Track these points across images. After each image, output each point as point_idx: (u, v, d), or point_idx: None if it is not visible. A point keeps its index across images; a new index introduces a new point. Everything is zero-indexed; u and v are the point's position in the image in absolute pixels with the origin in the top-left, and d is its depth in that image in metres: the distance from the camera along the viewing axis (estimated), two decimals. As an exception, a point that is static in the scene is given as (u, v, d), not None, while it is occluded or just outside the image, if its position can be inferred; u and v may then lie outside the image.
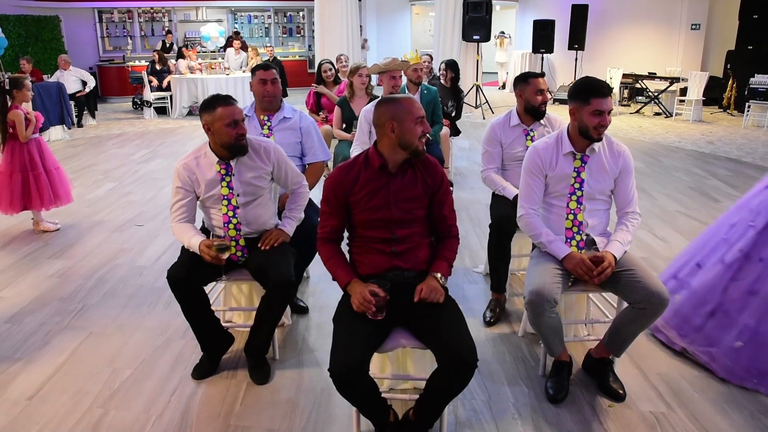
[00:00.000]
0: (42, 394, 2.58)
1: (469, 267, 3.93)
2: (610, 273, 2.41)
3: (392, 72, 4.18)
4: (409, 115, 2.14)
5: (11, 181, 4.47)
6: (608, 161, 2.55)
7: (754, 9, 10.77)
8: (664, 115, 10.71)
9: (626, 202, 2.59)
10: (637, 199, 2.61)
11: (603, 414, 2.43)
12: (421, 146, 2.18)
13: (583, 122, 2.46)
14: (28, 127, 4.43)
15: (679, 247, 4.26)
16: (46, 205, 4.61)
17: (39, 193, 4.53)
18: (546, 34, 11.89)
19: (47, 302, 3.46)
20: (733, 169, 6.70)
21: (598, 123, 2.43)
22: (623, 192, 2.59)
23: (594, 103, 2.42)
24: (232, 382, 2.66)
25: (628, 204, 2.59)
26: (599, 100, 2.41)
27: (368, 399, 2.07)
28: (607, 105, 2.43)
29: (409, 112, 2.14)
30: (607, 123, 2.44)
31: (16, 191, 4.48)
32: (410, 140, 2.15)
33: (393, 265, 2.20)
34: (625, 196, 2.59)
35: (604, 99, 2.42)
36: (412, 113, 2.15)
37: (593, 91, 2.43)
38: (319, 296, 3.52)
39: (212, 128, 2.57)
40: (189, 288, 2.54)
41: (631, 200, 2.59)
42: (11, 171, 4.48)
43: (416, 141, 2.15)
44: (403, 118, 2.14)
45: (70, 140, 8.76)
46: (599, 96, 2.42)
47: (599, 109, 2.42)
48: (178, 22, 14.84)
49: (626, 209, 2.60)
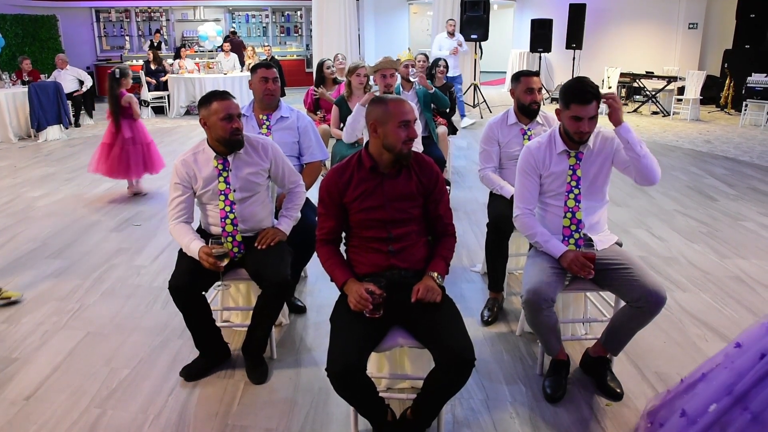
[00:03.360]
0: (39, 394, 2.57)
1: (467, 266, 3.93)
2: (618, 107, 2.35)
3: (383, 71, 4.17)
4: (393, 118, 2.12)
5: (133, 151, 5.48)
6: (603, 153, 2.54)
7: (751, 8, 10.78)
8: (662, 114, 10.72)
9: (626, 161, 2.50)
10: None
11: (600, 413, 2.43)
12: (405, 150, 2.15)
13: (565, 126, 2.47)
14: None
15: (676, 246, 4.28)
16: (139, 173, 5.59)
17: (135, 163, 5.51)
18: (543, 33, 11.88)
19: (45, 302, 3.46)
20: (731, 168, 6.71)
21: (576, 129, 2.42)
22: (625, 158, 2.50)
23: (573, 108, 2.39)
24: (230, 381, 2.66)
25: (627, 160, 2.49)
26: (578, 106, 2.37)
27: (366, 398, 2.07)
28: (586, 112, 2.37)
29: (393, 115, 2.12)
30: (584, 129, 2.40)
31: (135, 160, 5.50)
32: (393, 143, 2.13)
33: (390, 264, 2.20)
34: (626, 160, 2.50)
35: (582, 106, 2.36)
36: (396, 116, 2.12)
37: (573, 96, 2.39)
38: (316, 296, 3.52)
39: (208, 122, 2.59)
40: (191, 296, 2.54)
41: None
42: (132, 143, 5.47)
43: (399, 145, 2.13)
44: (386, 120, 2.13)
45: (68, 140, 8.74)
46: (578, 102, 2.37)
47: (577, 115, 2.38)
48: (175, 21, 14.82)
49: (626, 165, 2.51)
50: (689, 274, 3.79)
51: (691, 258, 4.06)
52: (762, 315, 2.50)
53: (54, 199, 5.59)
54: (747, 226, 4.72)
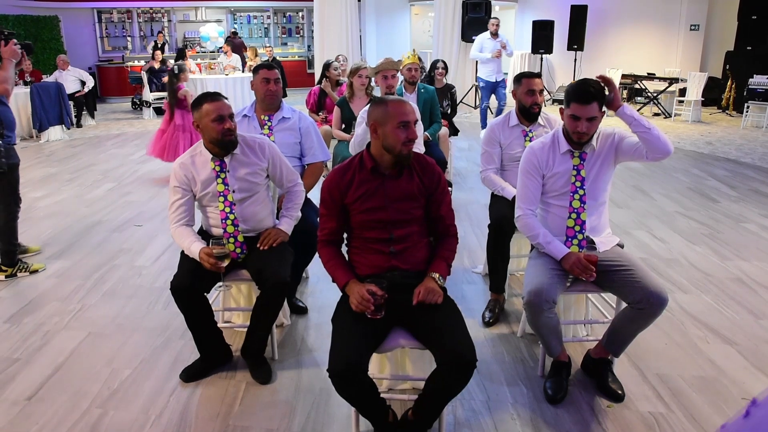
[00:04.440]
0: (41, 395, 2.58)
1: (468, 267, 3.93)
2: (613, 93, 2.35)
3: (384, 72, 4.17)
4: (392, 119, 2.12)
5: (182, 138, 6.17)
6: (604, 151, 2.54)
7: (753, 10, 10.78)
8: (663, 115, 10.72)
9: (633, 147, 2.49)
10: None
11: (602, 414, 2.43)
12: (405, 151, 2.15)
13: (566, 126, 2.47)
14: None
15: (678, 247, 4.27)
16: None
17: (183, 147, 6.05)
18: (545, 34, 11.89)
19: (46, 302, 3.46)
20: (732, 170, 6.70)
21: (573, 128, 2.43)
22: (629, 144, 2.50)
23: (572, 107, 2.41)
24: (231, 382, 2.66)
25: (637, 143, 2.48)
26: (577, 105, 2.39)
27: (367, 399, 2.07)
28: (584, 112, 2.38)
29: (393, 116, 2.12)
30: (581, 129, 2.40)
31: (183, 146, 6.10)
32: (392, 144, 2.13)
33: (391, 265, 2.20)
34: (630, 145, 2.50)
35: (582, 105, 2.38)
36: (396, 117, 2.12)
37: (574, 95, 2.40)
38: (318, 296, 3.52)
39: (201, 125, 2.60)
40: (192, 297, 2.54)
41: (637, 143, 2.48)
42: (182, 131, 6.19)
43: (399, 146, 2.13)
44: (385, 121, 2.13)
45: (69, 140, 8.76)
46: (578, 101, 2.39)
47: (575, 114, 2.40)
48: (177, 22, 14.83)
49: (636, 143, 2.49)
50: (690, 276, 3.79)
51: (693, 260, 4.06)
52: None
53: (55, 200, 5.59)
54: (748, 227, 4.72)
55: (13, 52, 3.57)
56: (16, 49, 3.58)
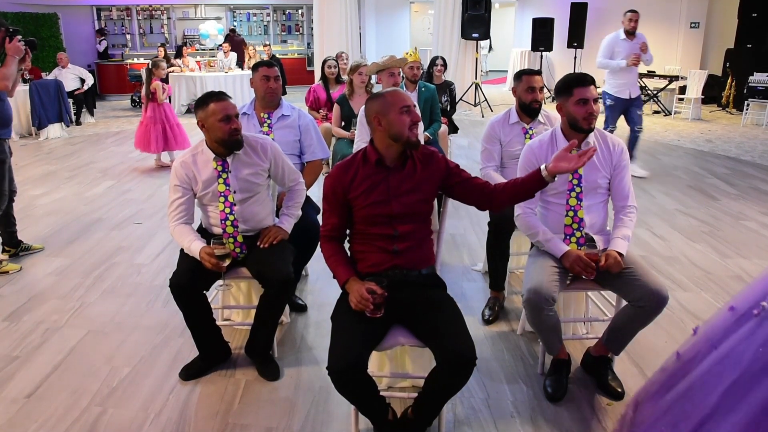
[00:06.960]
0: (40, 393, 2.57)
1: (468, 265, 3.92)
2: (618, 270, 2.38)
3: (391, 69, 4.17)
4: (393, 106, 2.13)
5: (153, 129, 6.63)
6: (604, 154, 2.56)
7: (753, 7, 10.76)
8: (663, 113, 10.71)
9: (623, 197, 2.59)
10: (633, 193, 2.61)
11: (601, 412, 2.43)
12: (413, 137, 2.15)
13: (572, 115, 2.48)
14: (164, 93, 6.71)
15: (678, 245, 4.27)
16: (158, 149, 6.71)
17: (172, 138, 6.73)
18: (545, 32, 11.88)
19: (45, 300, 3.46)
20: (732, 168, 6.70)
21: (585, 112, 2.45)
22: (621, 187, 2.59)
23: (576, 92, 2.44)
24: (231, 380, 2.66)
25: (625, 198, 2.59)
26: (581, 89, 2.44)
27: (367, 397, 2.07)
28: (590, 93, 2.44)
29: (393, 104, 2.14)
30: (594, 111, 2.45)
31: (154, 137, 6.62)
32: (399, 130, 2.13)
33: (393, 264, 2.20)
34: (622, 190, 2.59)
35: (585, 87, 2.44)
36: (396, 103, 2.13)
37: (574, 82, 2.46)
38: (317, 294, 3.52)
39: (206, 124, 2.58)
40: (191, 294, 2.54)
41: (628, 194, 2.59)
42: (153, 123, 6.64)
43: (406, 131, 2.13)
44: (387, 110, 2.13)
45: (69, 138, 8.74)
46: (580, 85, 2.44)
47: (583, 97, 2.43)
48: (176, 19, 14.81)
49: (623, 203, 2.59)
50: (690, 274, 3.79)
51: (693, 257, 4.05)
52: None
53: (55, 198, 5.59)
54: (748, 225, 4.71)
55: (17, 49, 3.57)
56: (20, 46, 3.58)
